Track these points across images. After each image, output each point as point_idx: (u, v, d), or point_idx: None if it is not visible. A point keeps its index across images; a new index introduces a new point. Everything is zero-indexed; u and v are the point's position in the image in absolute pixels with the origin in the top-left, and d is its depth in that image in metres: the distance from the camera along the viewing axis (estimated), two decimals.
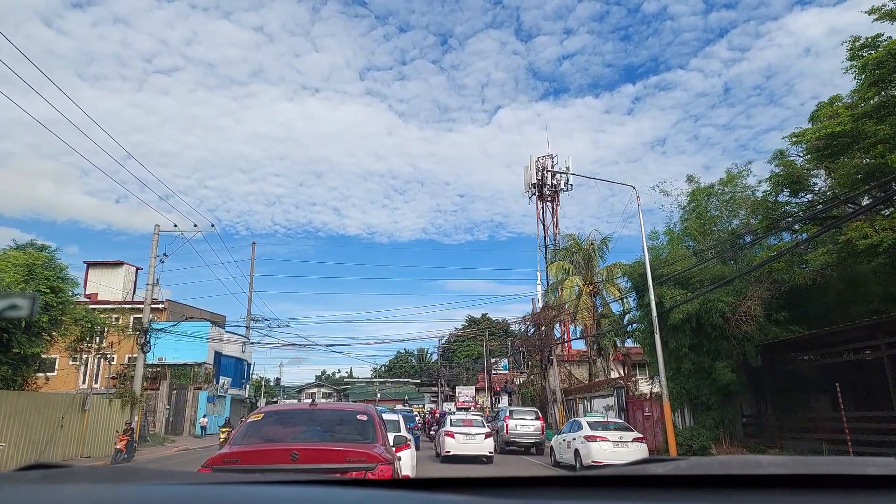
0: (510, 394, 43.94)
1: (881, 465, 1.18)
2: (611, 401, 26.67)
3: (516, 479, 1.13)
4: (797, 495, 1.05)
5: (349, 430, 5.77)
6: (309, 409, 6.21)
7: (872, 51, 13.04)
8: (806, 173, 17.50)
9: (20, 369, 18.96)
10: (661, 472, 1.17)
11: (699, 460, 1.36)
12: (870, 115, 13.26)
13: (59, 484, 1.27)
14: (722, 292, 18.31)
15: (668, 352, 18.87)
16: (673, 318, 18.70)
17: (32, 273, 18.32)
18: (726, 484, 1.11)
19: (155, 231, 26.50)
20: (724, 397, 18.96)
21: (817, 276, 17.74)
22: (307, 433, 5.52)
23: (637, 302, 22.64)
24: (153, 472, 1.51)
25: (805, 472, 1.14)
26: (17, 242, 20.51)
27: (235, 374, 44.43)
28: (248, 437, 5.46)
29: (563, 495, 1.09)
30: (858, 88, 14.02)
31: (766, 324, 18.32)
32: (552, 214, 46.23)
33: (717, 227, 22.65)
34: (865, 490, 1.07)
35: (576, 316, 33.41)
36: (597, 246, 34.49)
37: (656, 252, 21.93)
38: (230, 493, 1.08)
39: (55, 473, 1.38)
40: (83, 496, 1.07)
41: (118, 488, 1.21)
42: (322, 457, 4.88)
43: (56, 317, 18.86)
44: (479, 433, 18.89)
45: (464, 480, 1.12)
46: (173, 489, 1.16)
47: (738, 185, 22.39)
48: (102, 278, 41.73)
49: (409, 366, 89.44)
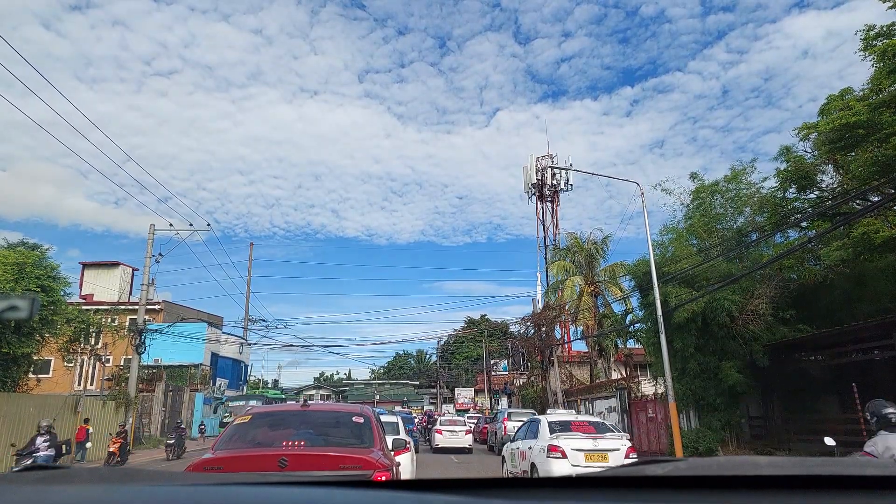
0: (510, 395, 43.56)
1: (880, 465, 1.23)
2: (613, 402, 26.29)
3: (513, 481, 1.12)
4: (796, 496, 1.05)
5: (344, 434, 5.36)
6: (300, 411, 5.76)
7: (886, 39, 12.71)
8: (815, 168, 17.15)
9: (10, 370, 18.57)
10: (659, 472, 1.18)
11: (698, 461, 1.38)
12: (887, 104, 12.89)
13: (58, 485, 1.28)
14: (728, 291, 17.93)
15: (673, 352, 18.47)
16: (678, 317, 18.31)
17: (23, 272, 17.94)
18: (725, 485, 1.11)
19: (150, 231, 26.07)
20: (731, 398, 18.56)
21: (828, 273, 17.37)
22: (298, 437, 5.09)
23: (640, 301, 22.26)
24: (152, 472, 1.53)
25: (804, 473, 1.15)
26: (8, 241, 20.12)
27: (233, 376, 44.03)
28: (233, 441, 5.04)
29: (561, 496, 1.09)
30: (875, 76, 13.68)
31: (774, 323, 17.93)
32: (552, 215, 45.93)
33: (722, 225, 22.33)
34: (865, 491, 1.07)
35: (577, 316, 33.05)
36: (598, 245, 34.13)
37: (661, 250, 21.59)
38: (229, 494, 1.09)
39: (54, 474, 1.41)
40: (82, 497, 1.07)
41: (117, 489, 1.21)
42: (313, 463, 4.47)
43: (47, 316, 18.48)
44: (461, 430, 24.78)
45: (460, 481, 1.12)
46: (171, 490, 1.15)
47: (742, 182, 22.08)
48: (98, 279, 41.28)
49: (408, 367, 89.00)
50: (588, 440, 10.98)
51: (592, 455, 10.73)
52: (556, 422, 11.97)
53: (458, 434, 24.51)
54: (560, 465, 10.50)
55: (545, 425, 11.77)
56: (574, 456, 10.58)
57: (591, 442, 10.95)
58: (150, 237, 25.91)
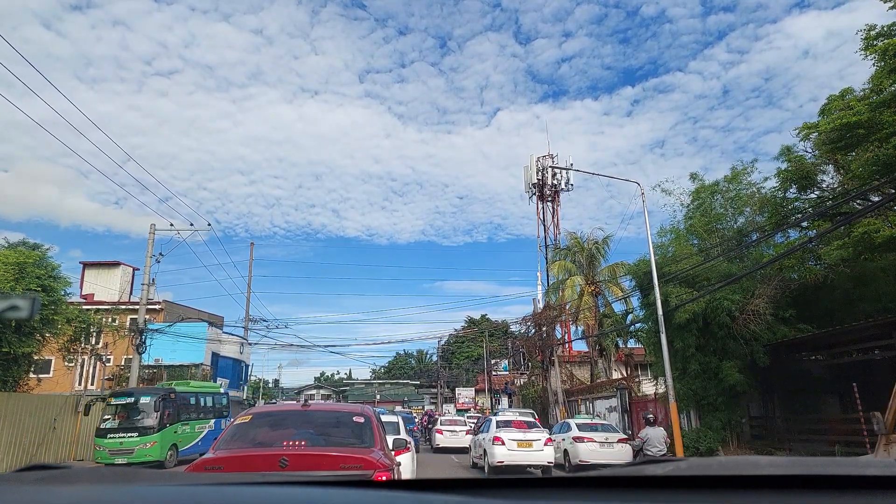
0: (510, 395, 43.54)
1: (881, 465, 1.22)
2: (613, 402, 26.29)
3: (514, 480, 1.12)
4: (797, 496, 1.05)
5: (344, 434, 5.37)
6: (301, 411, 5.77)
7: (887, 39, 12.71)
8: (815, 168, 17.15)
9: (11, 370, 18.58)
10: (659, 472, 1.18)
11: (698, 461, 1.36)
12: (888, 104, 12.90)
13: (58, 485, 1.28)
14: (729, 290, 17.93)
15: (674, 352, 18.48)
16: (678, 317, 18.31)
17: (23, 272, 17.95)
18: (725, 485, 1.11)
19: (151, 230, 26.06)
20: (732, 398, 18.56)
21: (829, 273, 17.36)
22: (298, 437, 5.09)
23: (641, 301, 22.26)
24: (153, 472, 1.53)
25: (804, 473, 1.15)
26: (9, 241, 20.14)
27: (233, 376, 43.97)
28: (233, 441, 5.04)
29: (561, 496, 1.09)
30: (876, 76, 13.69)
31: (775, 323, 17.92)
32: (552, 215, 45.85)
33: (722, 225, 22.33)
34: (865, 491, 1.07)
35: (577, 316, 33.04)
36: (599, 244, 34.11)
37: (661, 250, 21.59)
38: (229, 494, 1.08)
39: (54, 474, 1.40)
40: (82, 497, 1.06)
41: (117, 489, 1.21)
42: (314, 463, 4.48)
43: (48, 316, 18.48)
44: (461, 430, 24.84)
45: (460, 481, 1.12)
46: (171, 490, 1.15)
47: (742, 182, 22.08)
48: (99, 279, 41.28)
49: (409, 367, 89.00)
50: (520, 433, 15.64)
51: (522, 443, 15.28)
52: (501, 420, 16.98)
53: (459, 434, 24.64)
54: (500, 450, 15.08)
55: (494, 423, 16.49)
56: (510, 443, 15.13)
57: (521, 434, 15.58)
58: (150, 237, 25.91)
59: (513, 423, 16.51)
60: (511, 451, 15.08)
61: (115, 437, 17.46)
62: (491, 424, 16.51)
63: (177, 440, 18.94)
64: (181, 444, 19.19)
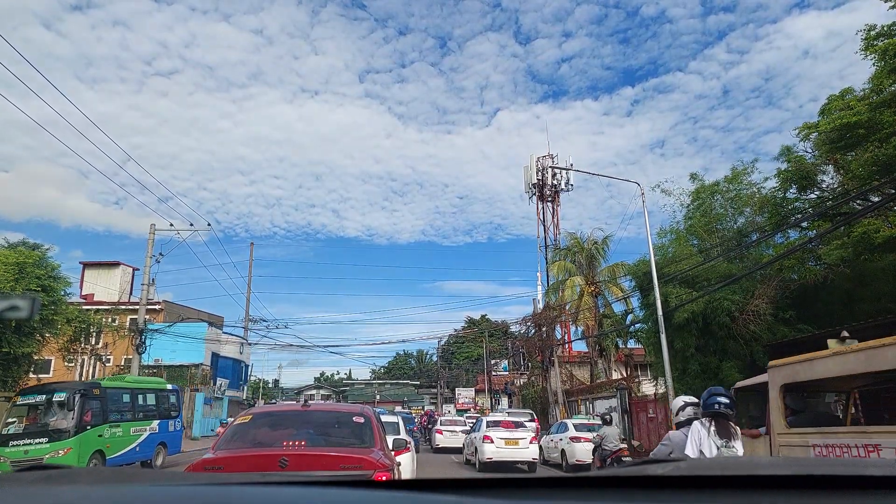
0: (510, 395, 43.55)
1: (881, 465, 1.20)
2: (613, 402, 26.27)
3: (513, 480, 1.11)
4: (797, 496, 1.05)
5: (344, 434, 5.37)
6: (301, 411, 5.78)
7: (887, 39, 12.73)
8: (815, 168, 17.16)
9: (11, 370, 18.59)
10: (660, 472, 1.18)
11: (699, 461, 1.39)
12: (888, 104, 12.91)
13: (58, 485, 1.28)
14: (728, 291, 17.93)
15: (674, 352, 18.47)
16: (678, 317, 18.31)
17: (23, 272, 17.98)
18: (726, 485, 1.11)
19: (151, 231, 26.06)
20: None
21: (829, 273, 17.36)
22: (298, 437, 5.10)
23: (641, 301, 22.26)
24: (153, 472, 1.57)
25: (804, 473, 1.14)
26: (9, 241, 20.16)
27: (233, 376, 44.00)
28: (233, 441, 5.05)
29: (560, 496, 1.09)
30: (876, 76, 13.70)
31: (775, 323, 17.91)
32: (552, 215, 45.85)
33: (722, 226, 22.33)
34: (865, 491, 1.07)
35: (577, 316, 33.04)
36: (599, 245, 34.11)
37: (661, 251, 21.59)
38: (229, 494, 1.08)
39: (55, 474, 1.40)
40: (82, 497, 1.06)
41: (117, 489, 1.21)
42: (314, 463, 4.48)
43: (48, 316, 18.52)
44: (461, 430, 24.62)
45: (460, 481, 1.11)
46: (171, 490, 1.15)
47: (742, 182, 22.07)
48: (99, 279, 41.29)
49: (409, 367, 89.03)
50: (507, 432, 17.01)
51: (509, 441, 16.70)
52: (491, 420, 18.74)
53: (459, 434, 24.66)
54: (489, 447, 16.49)
55: (484, 422, 18.06)
56: (498, 441, 16.55)
57: (508, 433, 16.97)
58: (150, 237, 25.91)
59: (501, 423, 17.97)
60: (499, 449, 16.53)
61: (19, 444, 14.01)
62: (482, 424, 18.03)
63: (102, 445, 15.30)
64: (109, 450, 15.54)
